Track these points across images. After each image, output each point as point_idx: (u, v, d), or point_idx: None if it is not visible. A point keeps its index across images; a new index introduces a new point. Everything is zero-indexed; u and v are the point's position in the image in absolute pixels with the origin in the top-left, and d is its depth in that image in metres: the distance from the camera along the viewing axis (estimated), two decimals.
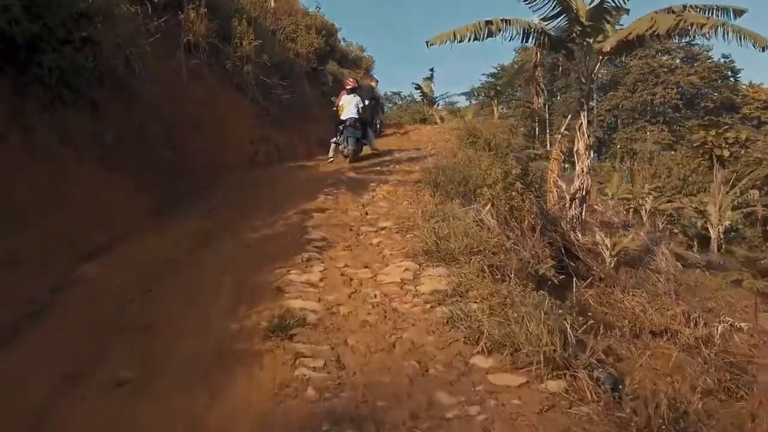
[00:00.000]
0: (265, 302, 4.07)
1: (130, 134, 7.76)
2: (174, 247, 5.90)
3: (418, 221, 6.18)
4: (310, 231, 6.13)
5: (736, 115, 52.10)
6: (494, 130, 11.28)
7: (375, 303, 4.13)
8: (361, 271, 4.92)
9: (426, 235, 5.57)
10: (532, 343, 3.16)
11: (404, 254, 5.33)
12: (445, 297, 4.16)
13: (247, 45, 12.13)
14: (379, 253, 5.52)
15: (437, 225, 6.02)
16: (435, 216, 6.42)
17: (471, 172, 8.20)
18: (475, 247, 5.16)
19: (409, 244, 5.66)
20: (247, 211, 7.47)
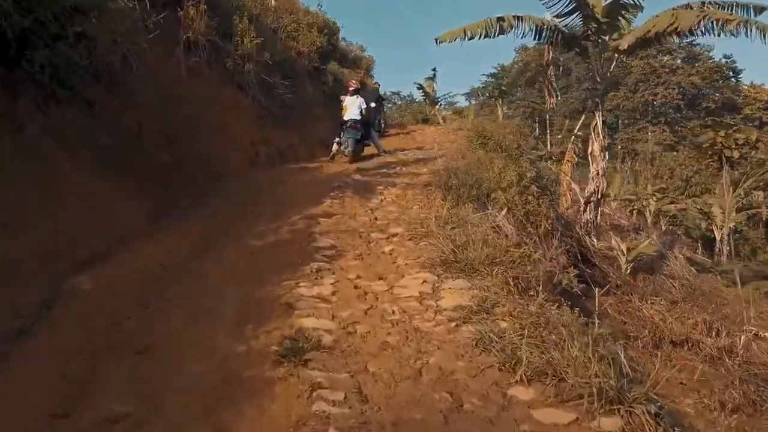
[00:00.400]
0: (274, 320, 3.71)
1: (127, 134, 7.40)
2: (173, 254, 5.55)
3: (432, 228, 5.83)
4: (317, 238, 5.78)
5: (737, 115, 51.86)
6: (502, 131, 10.94)
7: (394, 321, 3.77)
8: (375, 283, 4.57)
9: (442, 244, 5.22)
10: (578, 372, 2.81)
11: (420, 264, 4.98)
12: (470, 314, 3.81)
13: (248, 43, 11.78)
14: (393, 263, 5.17)
15: (453, 232, 5.67)
16: (449, 222, 6.06)
17: (483, 174, 7.84)
18: (496, 258, 4.80)
19: (424, 252, 5.31)
20: (250, 215, 7.12)
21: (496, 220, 6.41)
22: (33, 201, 5.52)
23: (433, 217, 6.48)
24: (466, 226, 5.84)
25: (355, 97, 11.69)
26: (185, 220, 6.84)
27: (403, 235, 6.00)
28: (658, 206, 29.55)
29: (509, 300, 4.09)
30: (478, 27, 10.14)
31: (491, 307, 3.93)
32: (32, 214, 5.41)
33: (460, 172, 8.07)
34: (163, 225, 6.66)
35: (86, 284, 4.56)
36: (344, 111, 11.58)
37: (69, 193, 5.97)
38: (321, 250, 5.39)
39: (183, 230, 6.33)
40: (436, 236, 5.56)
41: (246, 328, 3.62)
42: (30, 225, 5.28)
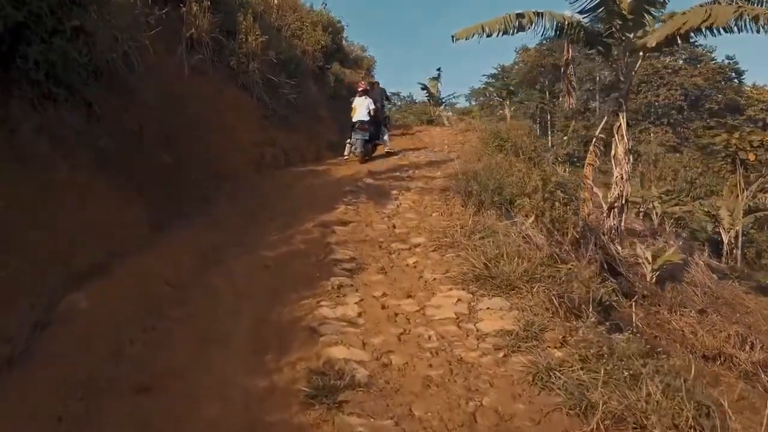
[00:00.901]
0: (297, 348, 3.28)
1: (128, 136, 6.96)
2: (179, 267, 5.10)
3: (458, 238, 5.40)
4: (334, 249, 5.35)
5: (740, 116, 51.56)
6: (516, 133, 10.52)
7: (433, 349, 3.34)
8: (404, 302, 4.14)
9: (472, 257, 4.79)
10: (664, 421, 2.37)
11: (451, 280, 4.55)
12: (518, 341, 3.38)
13: (252, 41, 11.36)
14: (420, 278, 4.73)
15: (481, 243, 5.25)
16: (475, 231, 5.63)
17: (505, 179, 7.41)
18: (536, 273, 4.36)
19: (452, 266, 4.88)
20: (259, 222, 6.69)
21: (523, 228, 5.95)
22: (26, 208, 5.07)
23: (456, 225, 6.06)
24: (494, 236, 5.40)
25: (363, 98, 11.75)
26: (190, 228, 6.40)
27: (427, 245, 5.57)
28: (663, 208, 29.10)
29: (557, 323, 3.65)
30: (496, 23, 9.71)
31: (540, 332, 3.50)
32: (25, 222, 4.96)
33: (479, 176, 7.63)
34: (167, 233, 6.21)
35: (83, 302, 4.11)
36: (353, 112, 11.73)
37: (65, 198, 5.52)
38: (340, 263, 4.96)
39: (188, 239, 5.89)
40: (463, 247, 5.14)
41: (265, 358, 3.19)
42: (22, 235, 4.83)
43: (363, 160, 11.04)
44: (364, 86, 12.44)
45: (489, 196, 6.87)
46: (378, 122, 11.93)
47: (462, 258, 4.97)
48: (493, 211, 6.72)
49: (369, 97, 11.82)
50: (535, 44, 62.28)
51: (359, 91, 12.13)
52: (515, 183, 7.32)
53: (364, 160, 11.05)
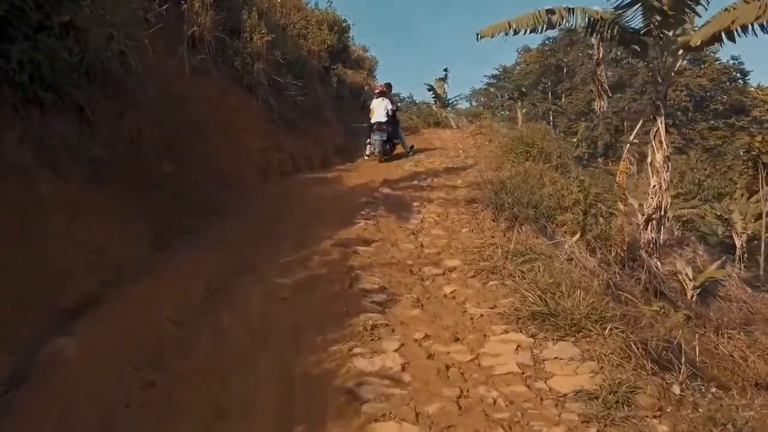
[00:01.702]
0: (334, 420, 2.62)
1: (125, 145, 6.29)
2: (183, 299, 4.43)
3: (499, 261, 4.74)
4: (360, 275, 4.69)
5: (745, 117, 51.03)
6: (539, 137, 9.87)
7: (505, 422, 2.68)
8: (452, 347, 3.48)
9: (523, 287, 4.12)
10: None
11: (502, 317, 3.89)
12: (607, 408, 2.71)
13: (258, 40, 10.68)
14: (463, 312, 4.08)
15: (526, 267, 4.58)
16: (516, 252, 4.97)
17: (539, 190, 6.76)
18: (604, 311, 3.70)
19: (499, 297, 4.23)
20: (270, 240, 6.03)
21: (567, 247, 5.29)
22: (5, 230, 4.41)
23: (491, 244, 5.41)
24: (539, 259, 4.74)
25: (381, 99, 11.97)
26: (195, 249, 5.73)
27: (463, 269, 4.92)
28: (673, 212, 28.44)
29: (645, 379, 2.99)
30: (524, 20, 9.04)
31: (630, 394, 2.83)
32: (4, 247, 4.31)
33: (507, 186, 6.97)
34: (169, 254, 5.55)
35: (70, 349, 3.45)
36: (371, 113, 12.00)
37: (53, 218, 4.85)
38: (368, 294, 4.29)
39: (193, 263, 5.22)
40: (508, 274, 4.49)
41: None
42: (2, 263, 4.18)
43: (382, 159, 11.40)
44: (382, 88, 12.57)
45: (523, 209, 6.21)
46: (396, 122, 12.28)
47: (509, 288, 4.32)
48: (529, 227, 6.07)
49: (386, 98, 12.03)
50: (537, 45, 61.95)
51: (377, 93, 12.40)
52: (551, 195, 6.65)
53: (383, 159, 11.42)
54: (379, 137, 11.53)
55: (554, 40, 61.01)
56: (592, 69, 54.49)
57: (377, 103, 11.90)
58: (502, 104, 54.06)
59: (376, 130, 11.61)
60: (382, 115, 11.61)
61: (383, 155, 11.56)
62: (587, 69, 57.77)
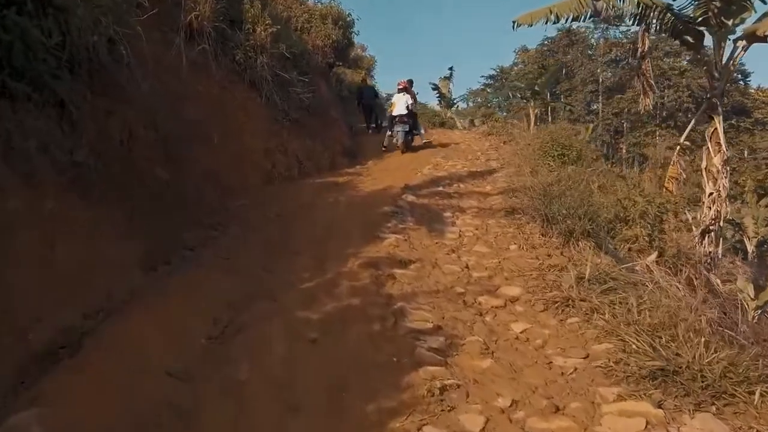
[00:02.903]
0: None
1: (114, 148, 5.37)
2: (183, 339, 3.53)
3: (573, 290, 3.85)
4: (404, 309, 3.80)
5: (747, 119, 50.60)
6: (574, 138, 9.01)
7: None
8: (556, 424, 2.60)
9: (619, 327, 3.23)
10: None
11: (605, 373, 3.01)
12: None
13: (261, 31, 9.76)
14: (549, 364, 3.20)
15: (610, 298, 3.69)
16: (591, 278, 4.09)
17: (590, 198, 5.89)
18: (748, 368, 2.82)
19: (588, 341, 3.34)
20: (283, 259, 5.13)
21: (641, 269, 4.41)
22: None
23: (551, 266, 4.52)
24: (621, 287, 3.86)
25: (402, 95, 12.65)
26: (196, 269, 4.82)
27: (528, 300, 4.04)
28: None
29: None
30: (566, 7, 8.18)
31: None
32: None
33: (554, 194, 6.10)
34: (166, 277, 4.64)
35: (35, 430, 2.52)
36: (393, 107, 12.76)
37: (24, 238, 3.93)
38: (421, 337, 3.40)
39: (194, 289, 4.31)
40: (592, 308, 3.58)
41: None
42: None
43: (404, 150, 12.23)
44: (405, 84, 13.25)
45: (580, 222, 5.33)
46: (415, 116, 13.09)
47: (598, 328, 3.44)
48: (586, 244, 5.19)
49: (407, 94, 12.76)
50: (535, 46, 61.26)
51: (399, 89, 13.12)
52: (608, 205, 5.78)
53: (406, 150, 12.25)
54: (402, 129, 12.24)
55: (553, 40, 60.48)
56: (592, 69, 53.84)
57: (399, 98, 12.60)
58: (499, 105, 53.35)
59: (398, 122, 12.32)
60: (403, 108, 12.28)
61: (406, 145, 12.34)
62: (587, 70, 57.22)
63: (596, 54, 58.00)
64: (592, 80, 57.12)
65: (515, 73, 61.33)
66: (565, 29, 58.02)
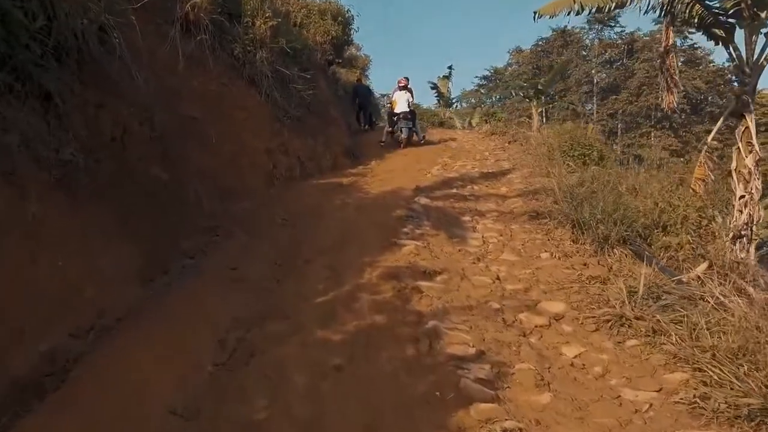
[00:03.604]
0: None
1: (106, 145, 4.87)
2: (186, 365, 3.05)
3: (627, 307, 3.41)
4: (437, 328, 3.34)
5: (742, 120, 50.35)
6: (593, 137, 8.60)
7: None
8: None
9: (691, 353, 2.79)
10: None
11: (688, 411, 2.57)
12: None
13: (261, 25, 9.26)
14: (617, 399, 2.76)
15: (671, 316, 3.25)
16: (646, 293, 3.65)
17: (618, 200, 5.46)
18: None
19: (656, 369, 2.90)
20: (294, 269, 4.65)
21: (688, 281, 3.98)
22: None
23: (592, 277, 4.07)
24: (679, 303, 3.42)
25: (403, 92, 12.93)
26: (198, 280, 4.34)
27: (575, 318, 3.60)
28: None
29: None
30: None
31: None
32: None
33: (580, 196, 5.67)
34: (165, 291, 4.15)
35: None
36: (394, 104, 12.99)
37: (4, 246, 3.44)
38: (463, 364, 2.95)
39: (197, 305, 3.83)
40: (653, 329, 3.14)
41: None
42: None
43: (406, 145, 12.48)
44: (405, 82, 13.44)
45: (614, 228, 4.89)
46: (414, 113, 13.43)
47: (664, 352, 2.99)
48: (623, 251, 4.75)
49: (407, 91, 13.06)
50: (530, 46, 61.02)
51: (400, 86, 13.28)
52: (643, 209, 5.35)
53: (408, 145, 12.51)
54: (405, 125, 12.61)
55: (547, 40, 60.34)
56: (586, 70, 53.69)
57: (400, 95, 12.88)
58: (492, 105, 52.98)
59: (402, 118, 12.67)
60: (405, 105, 12.68)
61: (408, 140, 12.65)
62: (581, 70, 57.02)
63: (591, 55, 57.91)
64: (586, 81, 56.98)
65: (509, 74, 61.11)
66: (560, 29, 57.94)
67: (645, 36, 53.88)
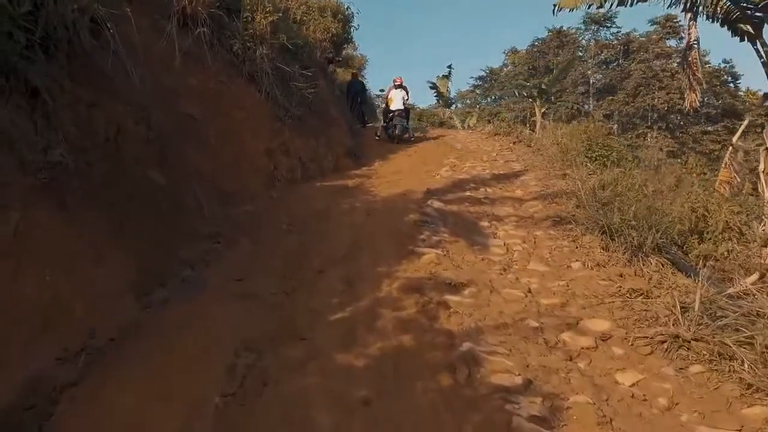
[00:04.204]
0: None
1: (98, 146, 4.47)
2: (190, 396, 2.66)
3: (683, 327, 3.04)
4: (473, 352, 2.98)
5: (738, 121, 50.47)
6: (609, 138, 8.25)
7: None
8: None
9: None
10: None
11: None
12: None
13: (261, 20, 8.86)
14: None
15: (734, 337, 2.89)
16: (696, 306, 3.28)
17: (642, 202, 5.10)
18: None
19: (731, 402, 2.55)
20: (304, 281, 4.27)
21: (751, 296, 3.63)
22: None
23: (633, 290, 3.71)
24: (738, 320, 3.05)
25: (399, 90, 13.51)
26: (198, 294, 3.94)
27: (625, 338, 3.22)
28: None
29: None
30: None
31: None
32: None
33: (603, 199, 5.30)
34: (164, 308, 3.76)
35: None
36: (390, 102, 13.60)
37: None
38: (510, 397, 2.58)
39: (199, 323, 3.45)
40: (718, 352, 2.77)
41: None
42: None
43: (400, 140, 13.17)
44: (401, 81, 13.85)
45: (646, 234, 4.53)
46: (408, 110, 14.14)
47: (737, 382, 2.63)
48: (660, 260, 4.39)
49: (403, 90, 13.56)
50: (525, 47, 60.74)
51: (396, 85, 13.75)
52: (684, 216, 4.99)
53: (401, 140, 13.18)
54: (400, 122, 13.29)
55: (543, 41, 60.16)
56: (582, 71, 53.54)
57: (396, 93, 13.50)
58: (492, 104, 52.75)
59: (397, 116, 13.31)
60: (401, 103, 13.31)
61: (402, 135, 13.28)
62: (577, 71, 56.78)
63: (587, 55, 57.74)
64: (582, 81, 56.82)
65: (505, 74, 60.92)
66: (555, 30, 57.78)
67: (641, 37, 53.85)
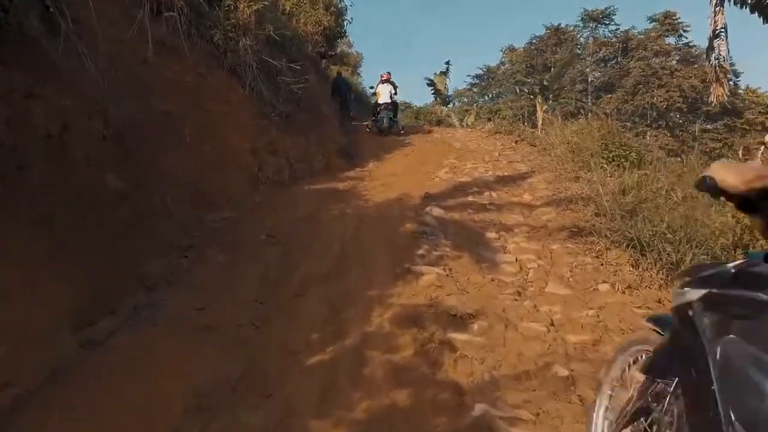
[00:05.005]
0: None
1: (39, 143, 3.77)
2: None
3: None
4: (487, 414, 2.31)
5: (738, 119, 50.14)
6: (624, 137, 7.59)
7: None
8: None
9: None
10: None
11: None
12: None
13: (245, 8, 8.15)
14: None
15: None
16: None
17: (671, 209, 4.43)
18: None
19: None
20: (280, 308, 3.57)
21: None
22: None
23: None
24: None
25: (386, 85, 14.03)
26: (150, 327, 3.23)
27: None
28: None
29: None
30: None
31: None
32: None
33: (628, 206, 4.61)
34: (110, 345, 3.05)
35: None
36: (378, 96, 14.20)
37: None
38: None
39: (142, 369, 2.73)
40: None
41: None
42: None
43: (387, 133, 13.57)
44: (388, 76, 14.40)
45: (687, 250, 3.84)
46: (396, 104, 14.48)
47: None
48: None
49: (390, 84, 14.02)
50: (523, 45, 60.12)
51: (383, 80, 14.31)
52: (720, 225, 4.31)
53: (388, 133, 13.56)
54: (386, 115, 13.74)
55: (541, 38, 59.62)
56: (581, 69, 52.95)
57: (383, 88, 14.02)
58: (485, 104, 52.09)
59: (384, 109, 13.78)
60: (388, 97, 13.82)
61: (389, 127, 13.69)
62: (576, 69, 56.19)
63: (585, 53, 57.17)
64: (581, 79, 56.27)
65: (502, 73, 60.37)
66: (553, 28, 57.26)
67: (640, 34, 53.33)
